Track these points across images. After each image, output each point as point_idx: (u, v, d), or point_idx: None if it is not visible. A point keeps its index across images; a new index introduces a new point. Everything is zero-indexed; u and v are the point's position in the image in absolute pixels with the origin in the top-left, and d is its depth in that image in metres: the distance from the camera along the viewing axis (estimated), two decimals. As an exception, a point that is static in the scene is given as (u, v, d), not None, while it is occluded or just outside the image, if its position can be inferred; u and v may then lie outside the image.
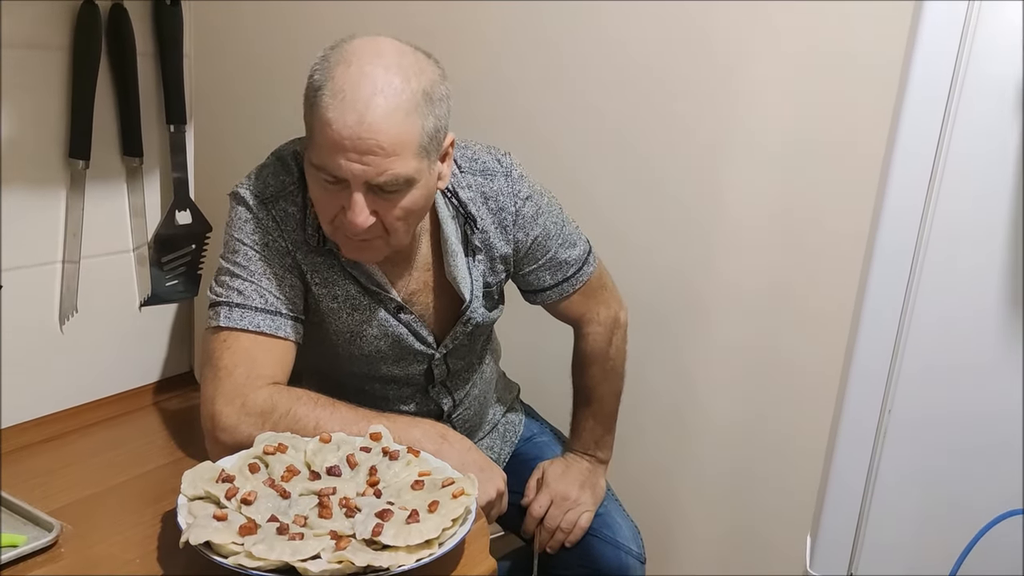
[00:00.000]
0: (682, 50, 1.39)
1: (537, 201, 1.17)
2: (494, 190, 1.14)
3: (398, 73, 0.96)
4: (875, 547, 1.05)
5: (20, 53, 1.03)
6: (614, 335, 1.30)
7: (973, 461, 0.99)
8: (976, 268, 0.94)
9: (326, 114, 0.95)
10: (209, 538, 0.78)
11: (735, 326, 1.46)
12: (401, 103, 0.95)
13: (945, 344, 0.98)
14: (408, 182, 0.98)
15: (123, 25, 1.12)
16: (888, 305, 0.98)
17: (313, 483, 0.90)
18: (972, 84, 0.89)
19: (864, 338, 1.01)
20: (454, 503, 0.86)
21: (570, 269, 1.23)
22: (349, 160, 0.95)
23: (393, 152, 0.95)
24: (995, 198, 0.92)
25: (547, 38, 1.48)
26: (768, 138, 1.36)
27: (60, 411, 1.16)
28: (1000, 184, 0.91)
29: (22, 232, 1.07)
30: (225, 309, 1.03)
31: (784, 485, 1.45)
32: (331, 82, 0.95)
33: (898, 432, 1.01)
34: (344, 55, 0.97)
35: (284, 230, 1.06)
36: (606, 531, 1.28)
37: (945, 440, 1.01)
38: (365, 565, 0.77)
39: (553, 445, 1.40)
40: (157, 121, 1.21)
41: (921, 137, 0.93)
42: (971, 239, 0.94)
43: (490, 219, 1.15)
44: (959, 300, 0.96)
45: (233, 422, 0.99)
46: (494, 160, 1.15)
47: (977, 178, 0.92)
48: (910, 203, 0.95)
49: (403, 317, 1.12)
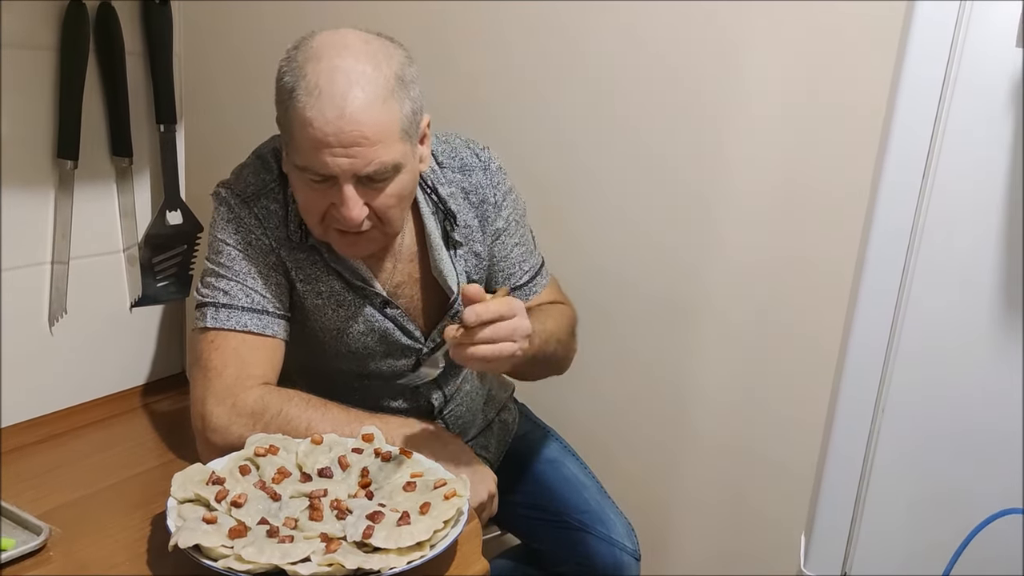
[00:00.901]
0: (684, 41, 1.39)
1: (515, 199, 1.19)
2: (473, 184, 1.15)
3: (368, 62, 0.96)
4: (869, 546, 1.04)
5: (7, 53, 1.02)
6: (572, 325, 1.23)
7: (969, 459, 0.99)
8: (971, 263, 0.94)
9: (305, 113, 0.94)
10: (198, 541, 0.78)
11: (728, 326, 1.46)
12: (378, 91, 0.95)
13: (938, 345, 0.97)
14: (396, 168, 0.99)
15: (111, 24, 1.11)
16: (882, 306, 0.98)
17: (304, 485, 0.89)
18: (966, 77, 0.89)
19: (856, 338, 1.00)
20: (446, 505, 0.86)
21: (523, 277, 1.21)
22: (335, 155, 0.95)
23: (378, 140, 0.95)
24: (990, 187, 0.92)
25: (546, 25, 1.47)
26: (766, 137, 1.36)
27: (50, 413, 1.15)
28: (994, 174, 0.91)
29: (10, 233, 1.07)
30: (212, 310, 1.03)
31: (778, 485, 1.45)
32: (304, 80, 0.95)
33: (892, 431, 1.01)
34: (311, 52, 0.97)
35: (267, 228, 1.06)
36: (600, 527, 1.29)
37: (940, 439, 1.00)
38: (355, 568, 0.76)
39: (548, 444, 1.39)
40: (147, 121, 1.20)
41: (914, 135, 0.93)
42: (966, 232, 0.93)
43: (471, 213, 1.15)
44: (954, 298, 0.96)
45: (224, 423, 0.99)
46: (472, 155, 1.16)
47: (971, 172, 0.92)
48: (905, 197, 0.94)
49: (389, 312, 1.12)
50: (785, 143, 1.35)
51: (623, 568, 1.28)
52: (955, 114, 0.90)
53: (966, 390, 0.98)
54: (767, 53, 1.33)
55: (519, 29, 1.49)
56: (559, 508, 1.31)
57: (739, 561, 1.53)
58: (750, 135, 1.37)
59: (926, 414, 1.00)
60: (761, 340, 1.43)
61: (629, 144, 1.46)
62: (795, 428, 1.40)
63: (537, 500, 1.32)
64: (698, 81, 1.39)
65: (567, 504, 1.31)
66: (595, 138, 1.48)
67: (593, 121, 1.48)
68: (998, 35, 0.87)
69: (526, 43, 1.49)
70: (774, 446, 1.45)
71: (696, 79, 1.39)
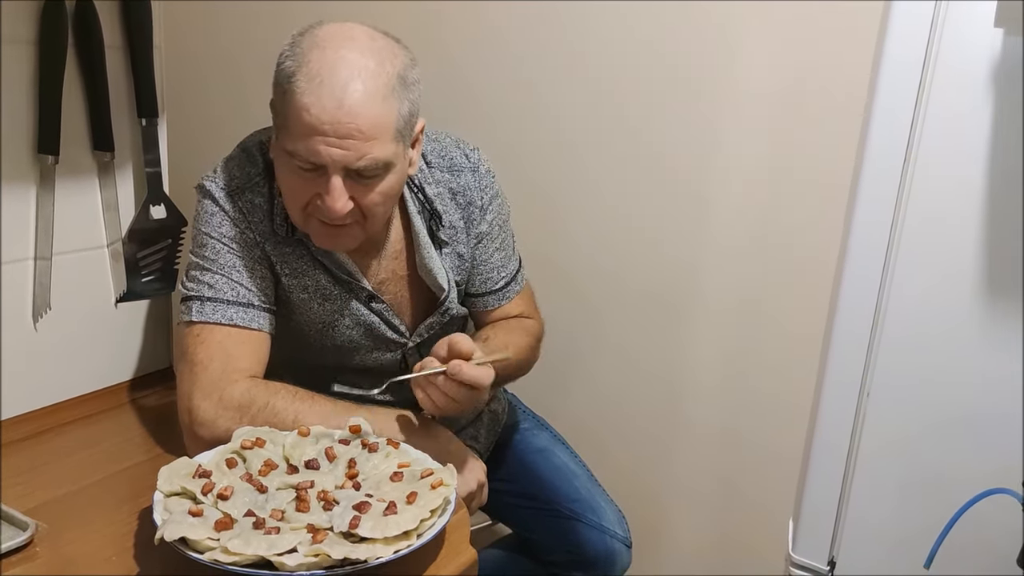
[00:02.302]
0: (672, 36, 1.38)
1: (500, 203, 1.19)
2: (461, 185, 1.14)
3: (373, 57, 0.96)
4: (857, 530, 1.05)
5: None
6: (534, 340, 1.23)
7: (954, 443, 1.00)
8: (954, 248, 0.94)
9: (302, 99, 0.94)
10: (184, 534, 0.77)
11: (716, 315, 1.46)
12: (379, 87, 0.95)
13: (922, 329, 0.98)
14: (386, 166, 0.98)
15: (90, 18, 1.10)
16: (865, 292, 0.98)
17: (291, 477, 0.89)
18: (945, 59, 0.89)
19: (841, 324, 1.00)
20: (432, 494, 0.86)
21: (499, 282, 1.22)
22: (328, 145, 0.94)
23: (372, 136, 0.95)
24: (972, 171, 0.92)
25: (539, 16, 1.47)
26: (752, 127, 1.36)
27: (35, 410, 1.15)
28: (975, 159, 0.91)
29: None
30: (197, 303, 1.03)
31: (767, 472, 1.46)
32: (306, 67, 0.94)
33: (878, 416, 1.01)
34: (316, 40, 0.96)
35: (251, 222, 1.05)
36: (591, 515, 1.29)
37: (925, 423, 1.01)
38: (342, 558, 0.76)
39: (538, 433, 1.40)
40: (128, 115, 1.19)
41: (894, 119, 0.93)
42: (949, 217, 0.93)
43: (458, 214, 1.15)
44: (937, 283, 0.96)
45: (211, 416, 0.98)
46: (462, 155, 1.15)
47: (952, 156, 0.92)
48: (886, 182, 0.95)
49: (375, 306, 1.12)
50: (770, 133, 1.35)
51: (614, 556, 1.29)
52: (935, 97, 0.90)
53: (950, 374, 0.98)
54: (754, 45, 1.33)
55: (513, 22, 1.49)
56: (550, 497, 1.31)
57: (729, 547, 1.54)
58: (736, 126, 1.37)
59: (911, 399, 1.00)
60: (749, 329, 1.44)
61: (619, 139, 1.46)
62: (784, 415, 1.41)
63: (527, 489, 1.32)
64: (686, 77, 1.39)
65: (558, 493, 1.31)
66: (585, 133, 1.48)
67: (583, 116, 1.48)
68: (977, 16, 0.87)
69: (519, 35, 1.49)
70: (763, 433, 1.46)
71: (685, 75, 1.39)
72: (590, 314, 1.56)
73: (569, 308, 1.55)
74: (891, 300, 0.97)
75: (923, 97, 0.91)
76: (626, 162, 1.46)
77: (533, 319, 1.27)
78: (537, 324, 1.27)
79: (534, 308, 1.29)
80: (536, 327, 1.26)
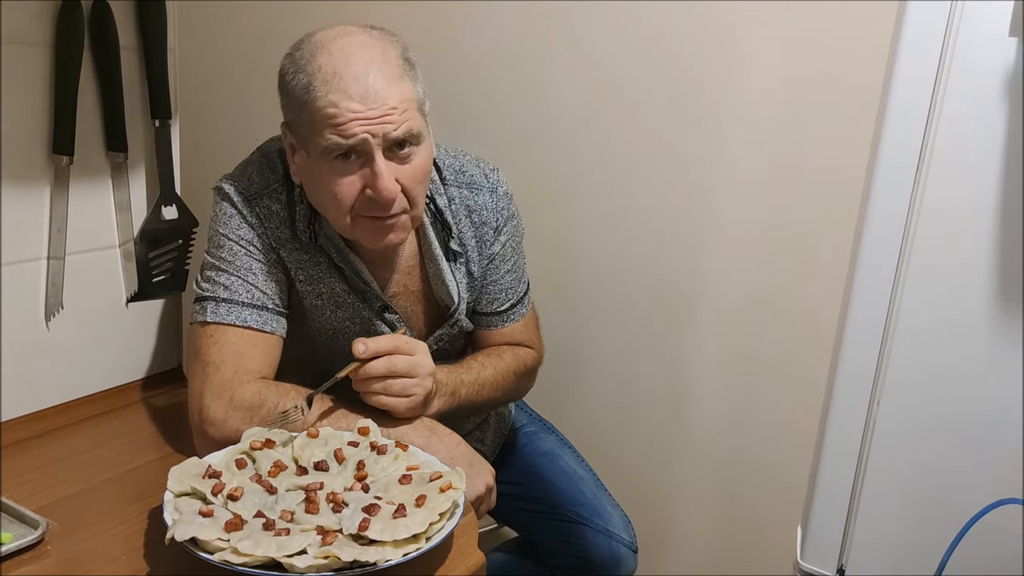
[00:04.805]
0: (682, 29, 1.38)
1: (515, 224, 1.19)
2: (479, 204, 1.14)
3: (376, 45, 0.98)
4: (866, 538, 1.04)
5: (2, 49, 1.02)
6: (525, 370, 1.23)
7: (965, 451, 0.99)
8: (968, 253, 0.94)
9: (328, 98, 0.96)
10: (195, 534, 0.78)
11: (726, 321, 1.46)
12: (393, 69, 0.98)
13: (934, 335, 0.97)
14: (419, 137, 1.00)
15: (106, 20, 1.11)
16: (875, 299, 0.98)
17: (300, 478, 0.90)
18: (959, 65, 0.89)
19: (851, 330, 1.00)
20: (441, 497, 0.86)
21: (505, 304, 1.21)
22: (366, 123, 0.96)
23: (404, 108, 0.98)
24: (985, 176, 0.92)
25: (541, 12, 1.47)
26: (764, 123, 1.36)
27: (47, 408, 1.16)
28: (989, 164, 0.91)
29: (6, 229, 1.07)
30: (212, 304, 1.03)
31: (775, 478, 1.45)
32: (320, 72, 0.96)
33: (888, 423, 1.01)
34: (317, 46, 0.98)
35: (268, 227, 1.06)
36: (597, 520, 1.29)
37: (936, 430, 1.00)
38: (351, 560, 0.76)
39: (544, 437, 1.40)
40: (142, 116, 1.20)
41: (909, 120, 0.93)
42: (962, 222, 0.93)
43: (471, 232, 1.15)
44: (951, 289, 0.96)
45: (221, 417, 0.99)
46: (481, 175, 1.16)
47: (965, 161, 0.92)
48: (900, 185, 0.94)
49: (387, 317, 1.12)
50: (782, 130, 1.34)
51: (620, 560, 1.28)
52: (949, 102, 0.90)
53: (962, 381, 0.98)
54: (765, 40, 1.33)
55: (517, 19, 1.49)
56: (556, 501, 1.31)
57: (736, 553, 1.54)
58: (749, 121, 1.36)
59: (922, 406, 1.00)
60: (758, 333, 1.44)
61: (627, 132, 1.46)
62: (793, 422, 1.41)
63: (534, 493, 1.32)
64: (696, 71, 1.39)
65: (564, 497, 1.31)
66: (593, 126, 1.48)
67: (591, 110, 1.48)
68: (992, 23, 0.87)
69: (527, 36, 1.49)
70: (771, 439, 1.46)
71: (694, 68, 1.39)
72: (597, 316, 1.56)
73: (576, 310, 1.55)
74: (903, 307, 0.97)
75: (937, 100, 0.91)
76: (637, 160, 1.46)
77: (532, 348, 1.26)
78: (533, 353, 1.25)
79: (537, 337, 1.28)
80: (529, 356, 1.24)
